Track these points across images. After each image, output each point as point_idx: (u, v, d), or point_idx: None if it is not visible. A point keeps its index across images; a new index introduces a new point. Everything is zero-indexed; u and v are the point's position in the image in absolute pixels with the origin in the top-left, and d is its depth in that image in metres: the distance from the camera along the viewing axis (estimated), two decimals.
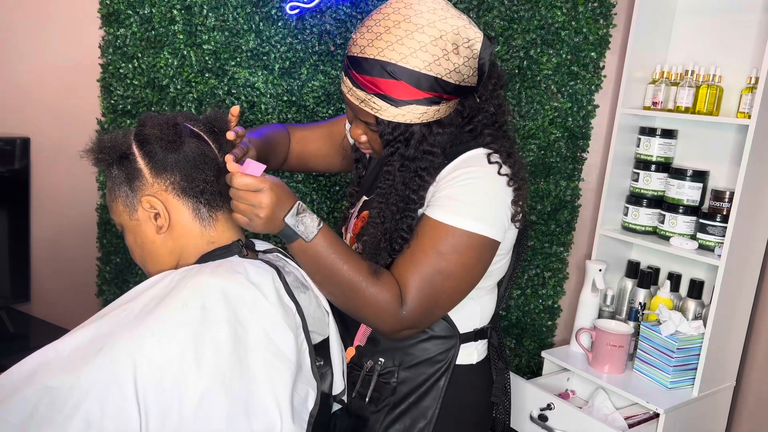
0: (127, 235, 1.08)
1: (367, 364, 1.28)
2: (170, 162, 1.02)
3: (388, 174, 1.17)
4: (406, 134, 1.13)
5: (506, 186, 1.15)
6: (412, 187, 1.16)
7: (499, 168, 1.15)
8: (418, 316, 1.13)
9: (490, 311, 1.32)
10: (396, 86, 1.08)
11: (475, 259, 1.14)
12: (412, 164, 1.15)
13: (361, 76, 1.10)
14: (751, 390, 2.11)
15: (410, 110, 1.10)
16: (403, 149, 1.14)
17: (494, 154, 1.17)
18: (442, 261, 1.11)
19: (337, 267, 1.09)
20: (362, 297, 1.11)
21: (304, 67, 2.09)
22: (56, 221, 2.31)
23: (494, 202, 1.14)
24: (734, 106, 2.00)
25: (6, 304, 2.16)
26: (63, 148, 2.22)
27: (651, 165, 2.12)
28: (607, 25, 2.22)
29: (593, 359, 2.02)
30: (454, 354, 1.26)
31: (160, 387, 0.89)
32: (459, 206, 1.12)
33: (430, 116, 1.12)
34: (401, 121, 1.11)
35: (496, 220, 1.14)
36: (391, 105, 1.10)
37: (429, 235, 1.12)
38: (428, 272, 1.11)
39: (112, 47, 2.08)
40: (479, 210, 1.12)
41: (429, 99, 1.09)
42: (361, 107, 1.13)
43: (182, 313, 0.93)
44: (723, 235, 1.91)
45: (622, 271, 2.24)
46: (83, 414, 0.87)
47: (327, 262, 1.09)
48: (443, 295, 1.14)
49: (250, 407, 0.94)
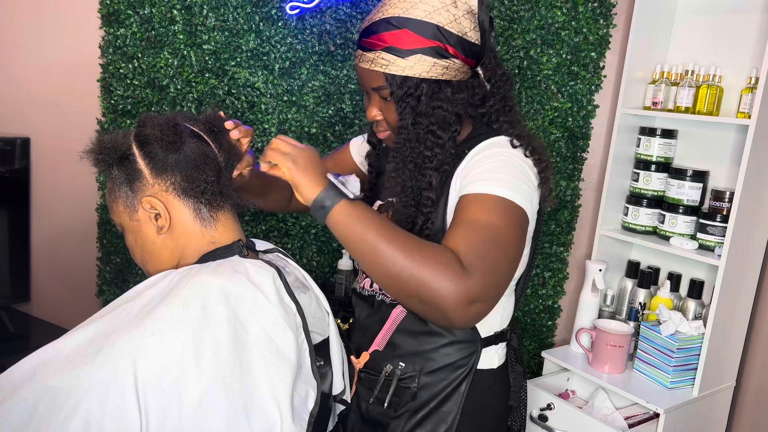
0: (127, 236, 1.08)
1: (386, 368, 1.26)
2: (171, 162, 1.02)
3: (403, 129, 1.18)
4: (416, 90, 1.15)
5: (532, 167, 1.17)
6: (426, 143, 1.17)
7: (524, 151, 1.18)
8: (488, 285, 1.04)
9: (509, 313, 1.31)
10: (400, 35, 1.13)
11: (517, 226, 1.11)
12: (424, 119, 1.17)
13: (369, 39, 1.16)
14: (752, 390, 2.11)
15: (418, 61, 1.14)
16: (414, 103, 1.16)
17: (515, 140, 1.19)
18: (490, 228, 1.07)
19: (388, 225, 1.06)
20: (421, 254, 1.02)
21: (304, 67, 2.09)
22: (56, 221, 2.31)
23: (524, 180, 1.14)
24: (734, 106, 2.00)
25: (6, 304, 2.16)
26: (63, 148, 2.22)
27: (651, 165, 2.12)
28: (607, 25, 2.22)
29: (593, 359, 2.02)
30: (476, 359, 1.24)
31: (160, 386, 0.89)
32: (494, 178, 1.12)
33: (439, 72, 1.15)
34: (409, 74, 1.14)
35: (527, 195, 1.13)
36: (399, 56, 1.14)
37: (468, 210, 1.10)
38: (480, 240, 1.06)
39: (112, 47, 2.08)
40: (513, 183, 1.12)
41: (434, 49, 1.13)
42: (371, 70, 1.16)
43: (182, 313, 0.93)
44: (723, 235, 1.91)
45: (622, 271, 2.24)
46: (83, 414, 0.87)
47: (376, 220, 1.06)
48: (502, 263, 1.08)
49: (250, 407, 0.94)
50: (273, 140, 1.12)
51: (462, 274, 1.01)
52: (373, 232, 1.04)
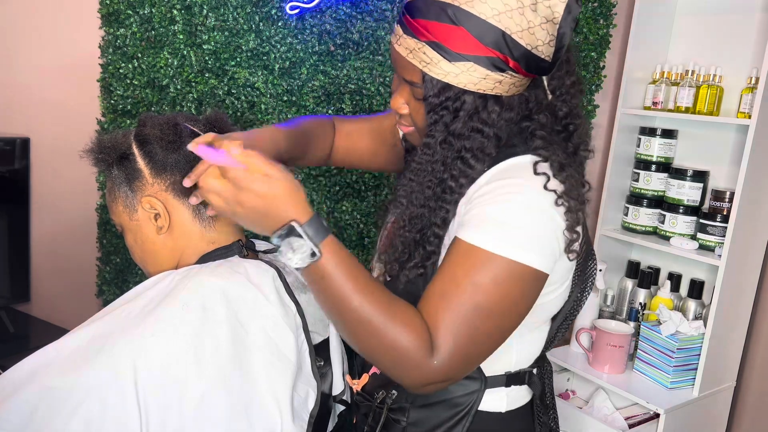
0: (127, 236, 1.08)
1: (378, 394, 1.08)
2: (170, 162, 1.02)
3: (427, 148, 0.97)
4: (455, 102, 0.94)
5: (554, 205, 0.92)
6: (452, 171, 0.96)
7: (546, 181, 0.92)
8: (454, 367, 0.89)
9: (533, 352, 1.07)
10: (454, 33, 0.90)
11: (519, 293, 0.91)
12: (457, 142, 0.96)
13: (415, 20, 0.92)
14: (752, 390, 2.11)
15: (466, 69, 0.91)
16: (449, 118, 0.95)
17: (543, 163, 0.94)
18: (480, 295, 0.89)
19: (345, 298, 0.87)
20: (378, 339, 0.88)
21: (304, 67, 2.09)
22: (56, 221, 2.31)
23: (540, 224, 0.91)
24: (734, 106, 2.00)
25: (6, 304, 2.16)
26: (63, 148, 2.22)
27: (651, 165, 2.12)
28: (607, 25, 2.22)
29: (593, 359, 2.02)
30: (476, 399, 1.03)
31: (160, 387, 0.89)
32: (497, 227, 0.90)
33: (490, 87, 0.93)
34: (453, 82, 0.92)
35: (543, 247, 0.91)
36: (444, 58, 0.91)
37: (461, 263, 0.91)
38: (464, 309, 0.89)
39: (112, 47, 2.08)
40: (522, 233, 0.90)
41: (491, 60, 0.90)
42: (408, 60, 0.94)
43: (182, 314, 0.93)
44: (723, 235, 1.91)
45: (622, 271, 2.24)
46: (83, 414, 0.87)
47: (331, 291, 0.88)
48: (484, 338, 0.91)
49: (250, 407, 0.94)
50: (203, 176, 0.88)
51: (424, 365, 0.88)
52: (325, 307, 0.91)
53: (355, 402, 1.14)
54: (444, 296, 0.89)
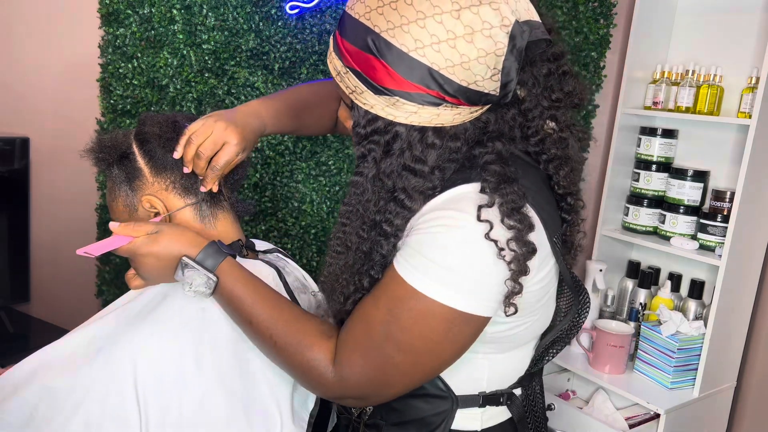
0: None
1: (354, 410, 1.03)
2: (170, 161, 1.02)
3: (357, 186, 0.86)
4: (386, 135, 0.83)
5: (495, 257, 0.80)
6: (386, 215, 0.86)
7: (488, 230, 0.80)
8: (361, 388, 0.87)
9: (510, 372, 0.99)
10: (376, 66, 0.79)
11: (441, 334, 0.83)
12: (388, 180, 0.84)
13: (342, 41, 0.82)
14: (752, 390, 2.11)
15: (393, 103, 0.80)
16: (378, 153, 0.84)
17: (488, 208, 0.80)
18: (396, 327, 0.83)
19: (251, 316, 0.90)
20: (285, 354, 0.89)
21: (304, 67, 2.08)
22: (56, 221, 2.30)
23: (475, 270, 0.81)
24: (735, 106, 1.99)
25: (6, 305, 2.16)
26: (63, 148, 2.22)
27: (651, 165, 2.12)
28: (607, 25, 2.22)
29: (594, 359, 2.02)
30: (448, 417, 0.96)
31: (159, 387, 0.89)
32: (427, 263, 0.81)
33: (426, 119, 0.81)
34: (380, 114, 0.82)
35: (475, 291, 0.82)
36: (368, 89, 0.81)
37: (387, 289, 0.85)
38: (378, 336, 0.84)
39: (111, 47, 2.08)
40: (453, 274, 0.81)
41: (420, 96, 0.79)
42: (337, 81, 0.85)
43: (182, 314, 0.93)
44: (723, 236, 1.91)
45: (622, 271, 2.24)
46: (83, 414, 0.87)
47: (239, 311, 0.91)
48: (395, 371, 0.85)
49: (250, 407, 0.94)
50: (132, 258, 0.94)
51: (326, 375, 0.87)
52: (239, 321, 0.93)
53: (338, 414, 1.11)
54: (364, 318, 0.86)
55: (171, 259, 0.92)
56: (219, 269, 0.92)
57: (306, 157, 2.15)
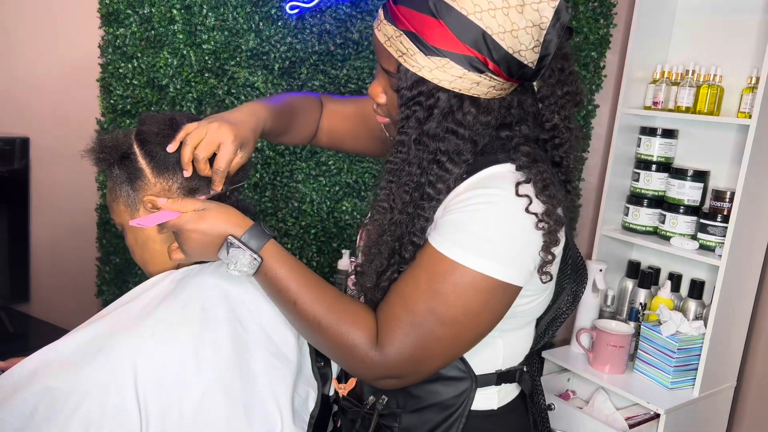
0: (127, 235, 1.08)
1: (368, 399, 1.04)
2: (171, 161, 1.02)
3: (402, 145, 0.92)
4: (429, 99, 0.89)
5: (533, 228, 0.89)
6: (429, 177, 0.92)
7: (527, 204, 0.88)
8: (401, 366, 0.90)
9: (520, 350, 1.05)
10: (433, 26, 0.86)
11: (482, 304, 0.89)
12: (432, 143, 0.91)
13: (397, 7, 0.89)
14: (752, 390, 2.11)
15: (442, 65, 0.87)
16: (422, 115, 0.90)
17: (525, 184, 0.90)
18: (439, 302, 0.88)
19: (293, 298, 0.92)
20: (326, 335, 0.92)
21: (304, 66, 2.08)
22: (56, 221, 2.30)
23: (515, 241, 0.89)
24: (735, 106, 2.00)
25: (6, 305, 2.16)
26: (63, 148, 2.22)
27: (651, 165, 2.12)
28: (607, 25, 2.22)
29: (594, 359, 2.02)
30: (468, 399, 0.99)
31: (160, 387, 0.89)
32: (467, 238, 0.88)
33: (466, 86, 0.88)
34: (427, 77, 0.88)
35: (515, 261, 0.89)
36: (420, 50, 0.87)
37: (426, 267, 0.90)
38: (420, 313, 0.88)
39: (111, 47, 2.08)
40: (494, 246, 0.87)
41: (468, 59, 0.86)
42: (385, 47, 0.91)
43: (182, 314, 0.93)
44: (723, 236, 1.91)
45: (622, 271, 2.24)
46: (83, 414, 0.87)
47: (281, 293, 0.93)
48: (437, 345, 0.90)
49: (251, 408, 0.94)
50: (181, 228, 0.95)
51: (369, 360, 0.90)
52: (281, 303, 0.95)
53: (342, 407, 1.12)
54: (403, 297, 0.90)
55: (216, 236, 0.92)
56: (263, 250, 0.92)
57: (306, 157, 2.15)
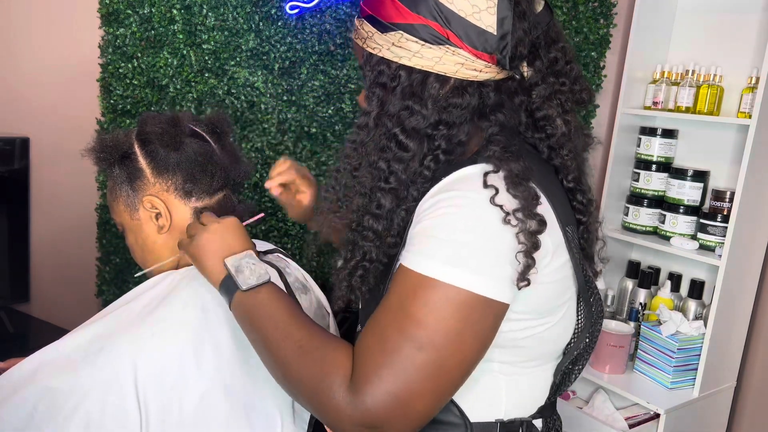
0: (128, 235, 1.08)
1: None
2: (172, 162, 1.02)
3: (363, 126, 0.86)
4: (391, 79, 0.84)
5: (501, 223, 0.77)
6: (383, 153, 0.84)
7: (493, 194, 0.78)
8: (384, 409, 0.74)
9: (529, 398, 0.91)
10: (385, 2, 0.83)
11: (461, 321, 0.75)
12: (389, 122, 0.84)
13: (363, 1, 0.88)
14: (752, 390, 2.11)
15: (397, 40, 0.82)
16: (381, 93, 0.85)
17: (494, 174, 0.79)
18: (410, 323, 0.75)
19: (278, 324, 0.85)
20: (294, 376, 0.81)
21: (304, 66, 2.08)
22: (56, 221, 2.30)
23: (485, 243, 0.77)
24: (735, 106, 1.99)
25: (5, 305, 2.16)
26: (62, 148, 2.22)
27: (651, 165, 2.12)
28: (607, 25, 2.22)
29: (594, 359, 2.02)
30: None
31: (160, 387, 0.89)
32: (433, 246, 0.77)
33: (429, 64, 0.82)
34: (387, 56, 0.83)
35: (489, 269, 0.76)
36: (378, 29, 0.84)
37: (396, 287, 0.79)
38: (393, 341, 0.76)
39: (111, 47, 2.08)
40: (460, 251, 0.76)
41: (423, 29, 0.81)
42: (356, 42, 0.89)
43: (183, 314, 0.93)
44: (723, 235, 1.91)
45: (622, 271, 2.24)
46: (83, 414, 0.87)
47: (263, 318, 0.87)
48: (418, 377, 0.75)
49: (251, 408, 0.94)
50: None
51: (345, 406, 0.76)
52: (260, 333, 0.86)
53: None
54: (374, 325, 0.78)
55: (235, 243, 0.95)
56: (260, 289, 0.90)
57: (306, 157, 2.15)
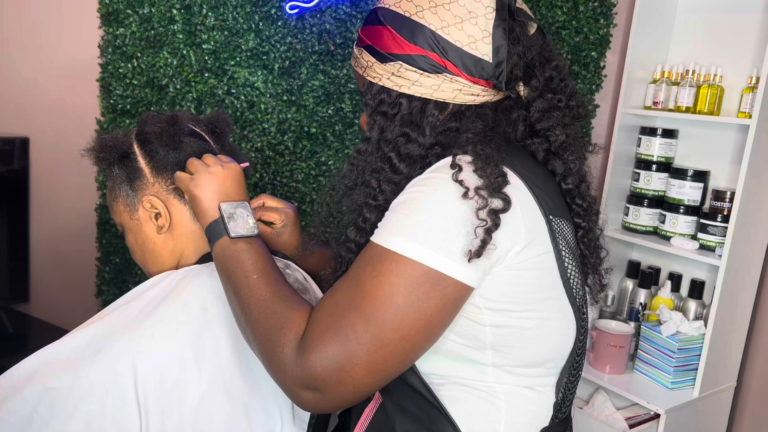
0: (127, 235, 1.08)
1: None
2: (171, 162, 1.02)
3: (361, 151, 0.90)
4: (392, 106, 0.88)
5: (460, 198, 0.77)
6: (376, 176, 0.88)
7: (456, 171, 0.79)
8: (323, 373, 0.76)
9: (531, 418, 0.88)
10: (383, 34, 0.87)
11: (404, 295, 0.76)
12: (386, 147, 0.87)
13: (360, 30, 0.92)
14: (752, 391, 2.11)
15: (396, 70, 0.86)
16: (382, 122, 0.88)
17: (462, 156, 0.81)
18: (358, 292, 0.78)
19: (254, 275, 0.88)
20: (252, 327, 0.84)
21: (304, 66, 2.08)
22: (55, 221, 2.30)
23: (439, 217, 0.77)
24: (735, 106, 1.99)
25: (5, 305, 2.16)
26: (62, 148, 2.22)
27: (652, 165, 2.12)
28: (607, 25, 2.22)
29: (594, 359, 2.02)
30: None
31: (160, 388, 0.89)
32: (391, 219, 0.80)
33: (427, 91, 0.86)
34: (387, 84, 0.87)
35: (440, 242, 0.76)
36: (377, 59, 0.87)
37: (358, 259, 0.82)
38: (340, 303, 0.78)
39: (111, 47, 2.08)
40: (415, 225, 0.77)
41: (421, 59, 0.85)
42: (356, 69, 0.93)
43: (183, 314, 0.93)
44: (724, 236, 1.91)
45: (622, 271, 2.24)
46: (83, 415, 0.87)
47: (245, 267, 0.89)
48: (357, 344, 0.76)
49: (251, 408, 0.94)
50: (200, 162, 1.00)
51: (288, 359, 0.78)
52: (231, 281, 0.89)
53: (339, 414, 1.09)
54: (331, 294, 0.81)
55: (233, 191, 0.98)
56: None
57: (306, 157, 2.15)
